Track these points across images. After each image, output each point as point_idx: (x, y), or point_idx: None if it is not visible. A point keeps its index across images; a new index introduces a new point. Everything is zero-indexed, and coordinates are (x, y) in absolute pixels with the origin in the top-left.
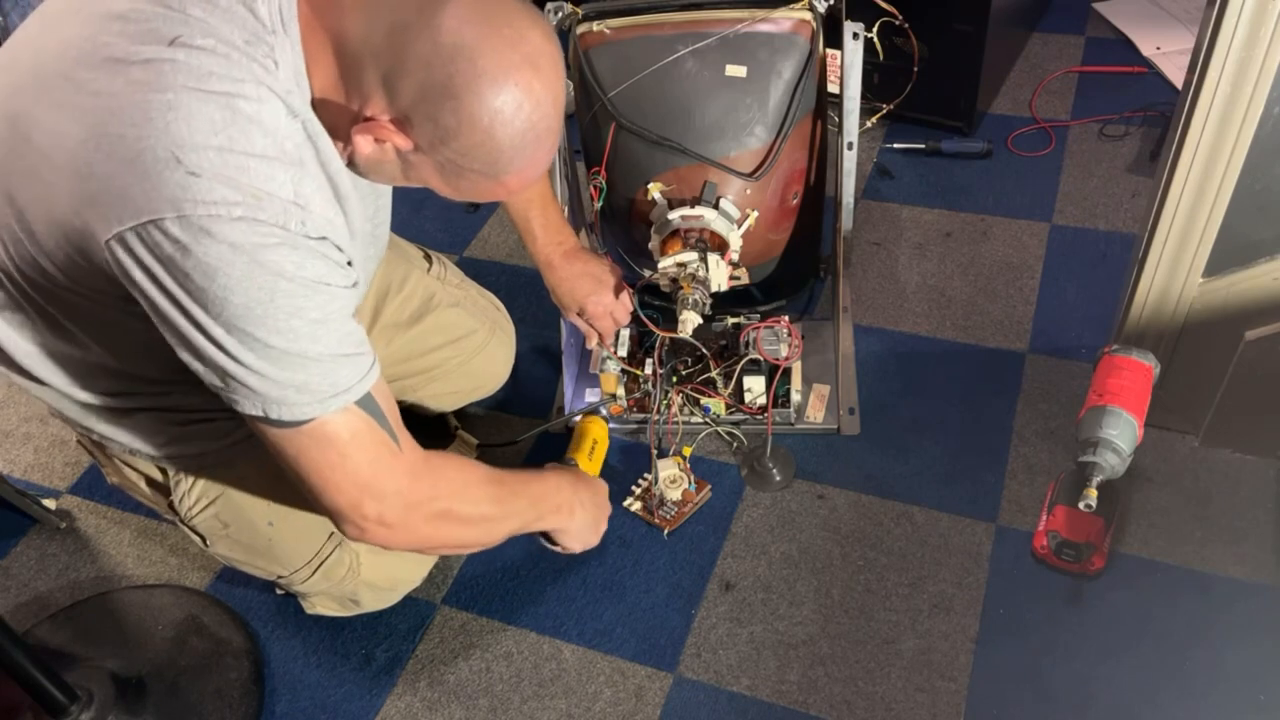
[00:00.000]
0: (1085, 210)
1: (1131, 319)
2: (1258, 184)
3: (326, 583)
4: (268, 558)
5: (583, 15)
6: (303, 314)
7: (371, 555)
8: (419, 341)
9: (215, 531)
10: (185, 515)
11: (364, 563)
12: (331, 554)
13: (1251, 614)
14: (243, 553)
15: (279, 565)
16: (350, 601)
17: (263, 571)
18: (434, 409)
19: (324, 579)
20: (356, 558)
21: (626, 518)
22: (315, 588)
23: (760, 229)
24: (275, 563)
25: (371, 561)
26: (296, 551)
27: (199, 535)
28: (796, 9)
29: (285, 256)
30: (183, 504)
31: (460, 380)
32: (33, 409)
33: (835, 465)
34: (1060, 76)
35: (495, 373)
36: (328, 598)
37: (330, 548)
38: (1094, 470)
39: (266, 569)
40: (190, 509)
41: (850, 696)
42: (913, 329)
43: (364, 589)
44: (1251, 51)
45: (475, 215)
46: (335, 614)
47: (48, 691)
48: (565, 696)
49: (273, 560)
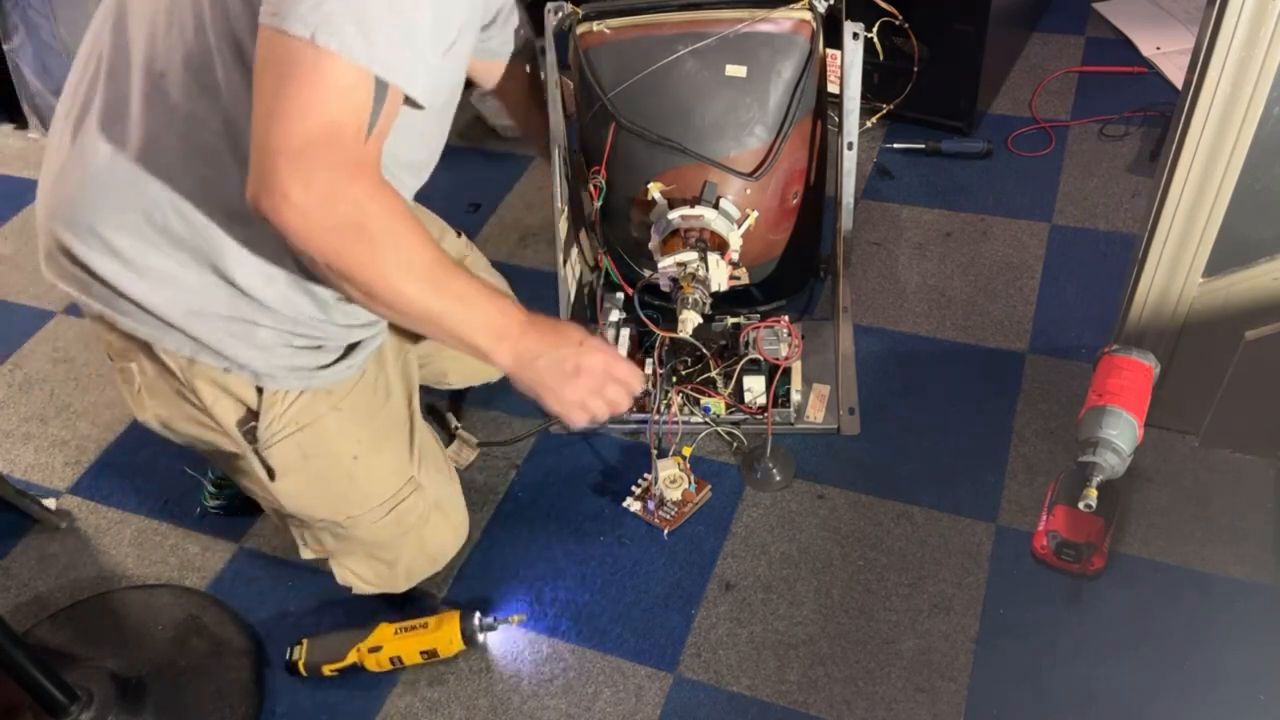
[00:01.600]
0: (1085, 210)
1: (1131, 319)
2: (1258, 184)
3: (395, 529)
4: (342, 495)
5: (583, 15)
6: None
7: (436, 512)
8: None
9: (292, 463)
10: (266, 440)
11: (431, 518)
12: (409, 496)
13: (1251, 614)
14: (317, 488)
15: (351, 504)
16: (389, 567)
17: (328, 511)
18: (451, 381)
19: (395, 524)
20: (428, 508)
21: (626, 517)
22: (380, 534)
23: (760, 229)
24: (348, 501)
25: (435, 521)
26: (375, 491)
27: (268, 469)
28: (796, 9)
29: None
30: (270, 428)
31: None
32: (33, 409)
33: (835, 465)
34: (1060, 76)
35: None
36: (370, 559)
37: (408, 490)
38: (1094, 470)
39: (334, 508)
40: (276, 434)
41: (850, 696)
42: (913, 329)
43: (412, 550)
44: (1251, 51)
45: (475, 215)
46: (362, 584)
47: (48, 691)
48: (565, 696)
49: (346, 499)
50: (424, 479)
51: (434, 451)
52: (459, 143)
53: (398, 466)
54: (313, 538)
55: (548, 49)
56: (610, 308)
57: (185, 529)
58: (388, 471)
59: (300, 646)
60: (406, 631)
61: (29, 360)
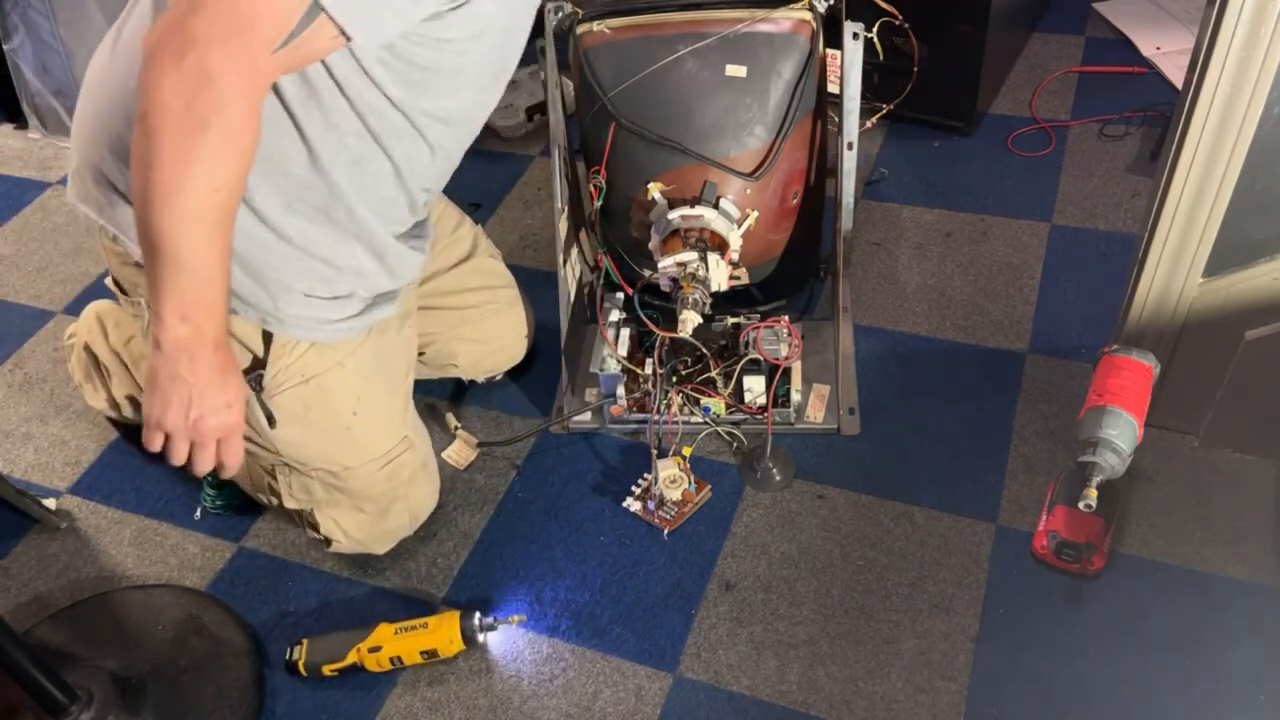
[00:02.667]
0: (1085, 210)
1: (1131, 319)
2: (1258, 184)
3: (388, 483)
4: (340, 447)
5: (583, 15)
6: None
7: (423, 471)
8: (460, 279)
9: (294, 412)
10: (271, 389)
11: (419, 476)
12: (403, 454)
13: (1251, 614)
14: (316, 438)
15: (349, 456)
16: (373, 522)
17: (324, 460)
18: (463, 365)
19: (388, 479)
20: (418, 466)
21: (626, 517)
22: (373, 488)
23: (760, 229)
24: (346, 453)
25: (422, 480)
26: (373, 443)
27: (268, 415)
28: (796, 9)
29: None
30: (276, 378)
31: (490, 329)
32: (32, 409)
33: (835, 465)
34: (1060, 76)
35: (519, 336)
36: (356, 511)
37: (402, 448)
38: (1094, 470)
39: (331, 458)
40: (281, 384)
41: (850, 696)
42: (913, 329)
43: (400, 507)
44: (1251, 51)
45: (475, 215)
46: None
47: (48, 691)
48: (565, 696)
49: (344, 450)
50: (415, 439)
51: (419, 418)
52: None
53: (393, 424)
54: (300, 487)
55: (548, 49)
56: (610, 308)
57: (185, 529)
58: (384, 428)
59: (300, 646)
60: (406, 631)
61: (29, 360)
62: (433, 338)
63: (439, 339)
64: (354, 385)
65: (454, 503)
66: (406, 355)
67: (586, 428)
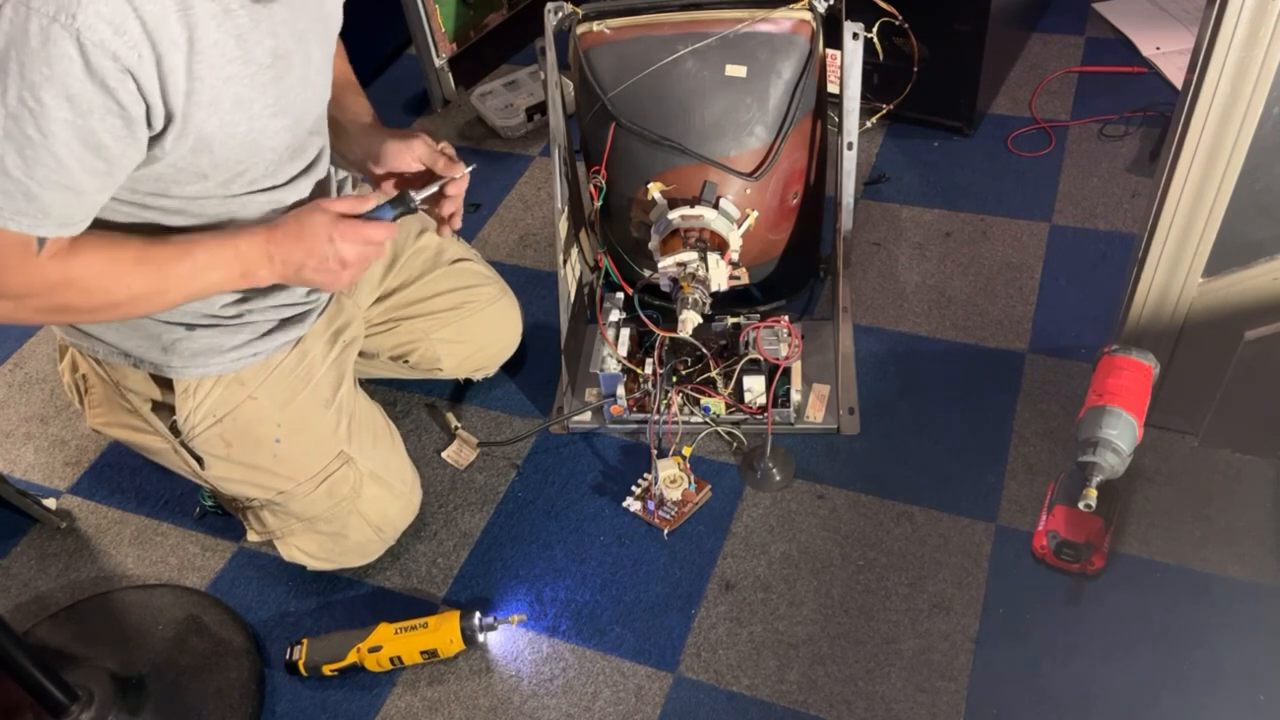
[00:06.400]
0: (1085, 210)
1: (1131, 319)
2: (1258, 184)
3: (329, 500)
4: (271, 474)
5: (583, 15)
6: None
7: (372, 482)
8: (430, 286)
9: (216, 452)
10: (188, 434)
11: (365, 489)
12: (338, 470)
13: (1251, 614)
14: (244, 471)
15: (281, 480)
16: (334, 540)
17: (259, 491)
18: (448, 368)
19: (327, 496)
20: (361, 478)
21: (626, 517)
22: (313, 508)
23: (760, 229)
24: (278, 478)
25: (372, 492)
26: (303, 465)
27: (196, 458)
28: (796, 9)
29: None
30: (188, 421)
31: (473, 329)
32: (32, 409)
33: (835, 465)
34: (1060, 76)
35: (507, 332)
36: (312, 533)
37: (337, 464)
38: (1094, 470)
39: (266, 485)
40: (196, 427)
41: (850, 696)
42: (913, 329)
43: (356, 521)
44: (1251, 51)
45: (475, 215)
46: (312, 560)
47: (48, 691)
48: (565, 696)
49: (275, 476)
50: (355, 452)
51: (372, 427)
52: (459, 143)
53: (323, 443)
54: (255, 519)
55: (548, 49)
56: (610, 308)
57: (185, 529)
58: (312, 448)
59: (300, 646)
60: (406, 631)
61: (29, 360)
62: (413, 345)
63: (419, 345)
64: (271, 414)
65: (454, 503)
66: (338, 372)
67: (586, 428)
